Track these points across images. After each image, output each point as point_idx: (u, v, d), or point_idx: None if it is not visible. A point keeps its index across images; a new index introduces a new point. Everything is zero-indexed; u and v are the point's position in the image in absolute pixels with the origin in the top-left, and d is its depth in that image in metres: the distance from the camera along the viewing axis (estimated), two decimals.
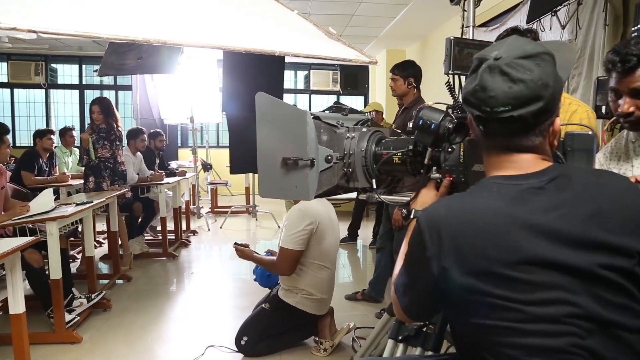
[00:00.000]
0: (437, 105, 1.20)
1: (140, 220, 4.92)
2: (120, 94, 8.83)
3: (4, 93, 8.46)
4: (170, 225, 5.19)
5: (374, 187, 1.34)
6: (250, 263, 3.11)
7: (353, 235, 5.31)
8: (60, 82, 8.72)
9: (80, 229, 3.58)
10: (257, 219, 6.62)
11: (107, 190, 4.03)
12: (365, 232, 5.58)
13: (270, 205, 6.46)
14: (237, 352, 2.63)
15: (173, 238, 5.17)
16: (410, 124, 1.20)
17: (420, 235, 0.91)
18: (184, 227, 5.66)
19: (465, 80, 0.95)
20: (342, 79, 9.25)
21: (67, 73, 8.75)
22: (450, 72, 1.28)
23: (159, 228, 5.01)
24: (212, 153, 7.73)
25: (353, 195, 1.46)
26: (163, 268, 4.48)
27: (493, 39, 1.80)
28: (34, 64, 8.17)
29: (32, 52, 7.92)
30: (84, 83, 8.74)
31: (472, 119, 0.94)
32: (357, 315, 3.15)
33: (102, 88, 8.93)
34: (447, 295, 0.90)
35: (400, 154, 1.28)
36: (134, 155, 4.98)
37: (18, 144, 8.11)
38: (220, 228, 6.15)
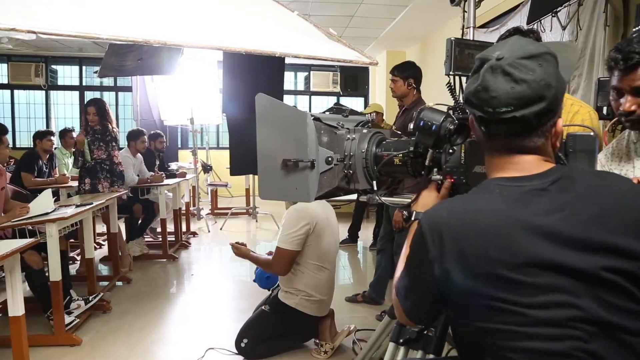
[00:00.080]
0: (438, 107, 1.19)
1: (140, 222, 4.90)
2: (121, 95, 8.84)
3: (4, 94, 8.47)
4: (170, 227, 5.19)
5: (375, 188, 1.33)
6: (251, 265, 3.11)
7: (353, 237, 5.30)
8: (61, 83, 8.73)
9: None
10: (257, 221, 6.62)
11: (102, 192, 4.02)
12: (366, 233, 5.57)
13: (271, 207, 6.45)
14: (237, 354, 2.62)
15: (173, 240, 5.16)
16: (411, 125, 1.19)
17: (422, 238, 0.90)
18: (184, 228, 5.66)
19: (467, 81, 0.94)
20: (342, 80, 9.25)
21: (67, 74, 8.76)
22: (451, 73, 1.27)
23: (159, 230, 5.00)
24: (212, 154, 7.73)
25: (353, 197, 1.45)
26: (163, 270, 4.47)
27: (493, 40, 1.80)
28: (34, 65, 8.18)
29: (32, 53, 7.93)
30: (84, 84, 8.75)
31: (473, 120, 0.94)
32: (357, 318, 3.14)
33: (102, 89, 8.93)
34: (449, 298, 0.90)
35: (401, 156, 1.27)
36: (134, 157, 4.97)
37: (18, 145, 8.12)
38: (221, 230, 6.14)
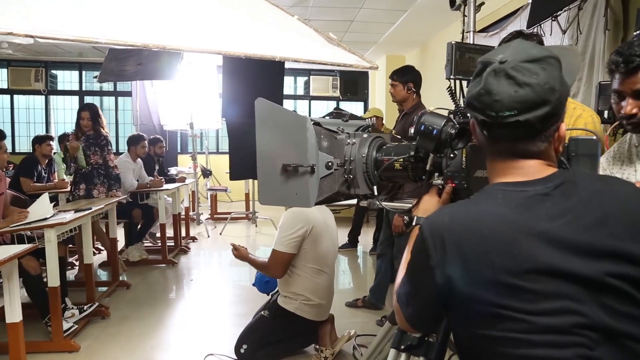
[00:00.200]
0: (438, 111, 1.19)
1: (140, 227, 4.90)
2: (120, 100, 8.85)
3: (4, 99, 8.47)
4: (170, 232, 5.18)
5: (375, 193, 1.32)
6: (251, 271, 3.09)
7: (353, 242, 5.28)
8: (60, 88, 8.74)
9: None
10: (256, 225, 6.60)
11: (98, 198, 4.01)
12: (366, 238, 5.55)
13: (270, 212, 6.44)
14: None
15: (172, 245, 5.14)
16: (412, 130, 1.18)
17: (424, 244, 0.89)
18: (184, 233, 5.64)
19: (469, 85, 0.93)
20: (341, 85, 9.26)
21: (67, 79, 8.77)
22: (452, 77, 1.26)
23: (158, 235, 4.99)
24: (211, 159, 7.73)
25: (353, 201, 1.44)
26: (162, 275, 4.46)
27: (493, 44, 1.80)
28: (34, 70, 8.19)
29: (32, 58, 7.94)
30: (84, 89, 8.76)
31: (475, 124, 0.93)
32: (357, 323, 3.12)
33: (102, 94, 8.94)
34: (450, 305, 0.89)
35: (402, 160, 1.26)
36: (134, 162, 4.96)
37: (17, 150, 8.12)
38: (220, 234, 6.13)
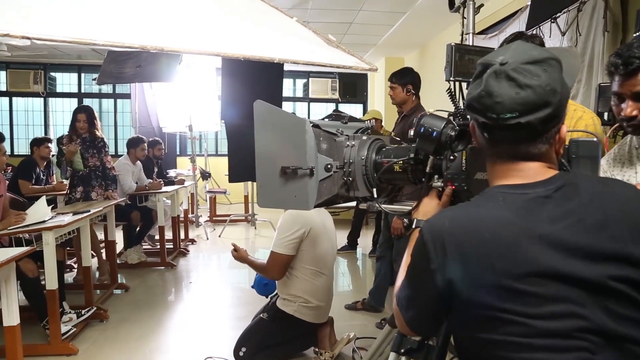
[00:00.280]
0: (438, 113, 1.18)
1: (138, 230, 4.88)
2: (119, 103, 8.84)
3: (3, 102, 8.45)
4: (169, 234, 5.17)
5: (375, 196, 1.31)
6: (250, 273, 3.08)
7: (352, 244, 5.27)
8: (59, 90, 8.72)
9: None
10: (256, 228, 6.59)
11: (96, 200, 4.00)
12: (365, 240, 5.54)
13: (269, 214, 6.43)
14: None
15: (171, 247, 5.13)
16: (411, 132, 1.18)
17: (424, 247, 0.88)
18: (183, 236, 5.64)
19: (468, 87, 0.92)
20: (340, 87, 9.25)
21: (65, 81, 8.75)
22: (452, 78, 1.26)
23: (157, 237, 4.98)
24: (210, 161, 7.72)
25: (352, 204, 1.43)
26: (161, 278, 4.44)
27: (492, 46, 1.79)
28: (33, 73, 8.17)
29: (31, 60, 7.93)
30: (83, 91, 8.74)
31: (475, 126, 0.92)
32: (357, 325, 3.11)
33: (100, 96, 8.93)
34: (451, 308, 0.88)
35: (401, 163, 1.26)
36: (134, 164, 4.95)
37: (16, 153, 8.10)
38: (219, 237, 6.12)
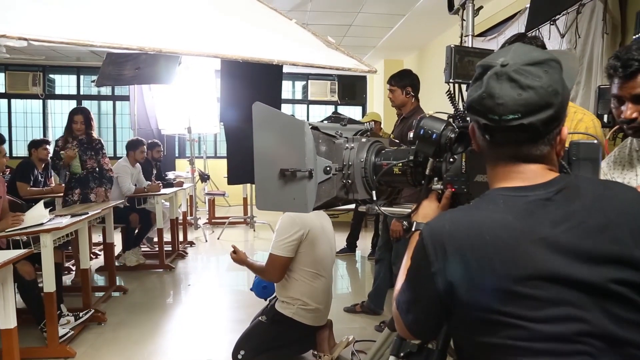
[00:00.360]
0: (438, 115, 1.17)
1: (137, 232, 4.87)
2: (118, 105, 8.83)
3: (1, 103, 8.45)
4: (167, 237, 5.15)
5: (374, 198, 1.30)
6: (249, 276, 3.07)
7: (351, 247, 5.26)
8: (58, 92, 8.72)
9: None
10: (254, 230, 6.58)
11: (95, 202, 3.98)
12: (364, 243, 5.54)
13: (268, 216, 6.42)
14: None
15: (170, 249, 5.12)
16: (411, 134, 1.17)
17: (424, 251, 0.87)
18: (181, 238, 5.62)
19: (468, 89, 0.92)
20: (340, 89, 9.26)
21: (64, 83, 8.75)
22: (451, 80, 1.25)
23: (156, 239, 4.96)
24: (209, 163, 7.71)
25: (351, 206, 1.42)
26: (159, 280, 4.43)
27: (491, 49, 1.79)
28: (32, 75, 8.17)
29: (29, 62, 7.92)
30: (82, 93, 8.75)
31: (475, 128, 0.91)
32: (356, 328, 3.10)
33: (99, 98, 8.92)
34: (452, 312, 0.87)
35: (401, 165, 1.25)
36: (133, 166, 4.95)
37: (15, 155, 8.09)
38: (218, 239, 6.10)
